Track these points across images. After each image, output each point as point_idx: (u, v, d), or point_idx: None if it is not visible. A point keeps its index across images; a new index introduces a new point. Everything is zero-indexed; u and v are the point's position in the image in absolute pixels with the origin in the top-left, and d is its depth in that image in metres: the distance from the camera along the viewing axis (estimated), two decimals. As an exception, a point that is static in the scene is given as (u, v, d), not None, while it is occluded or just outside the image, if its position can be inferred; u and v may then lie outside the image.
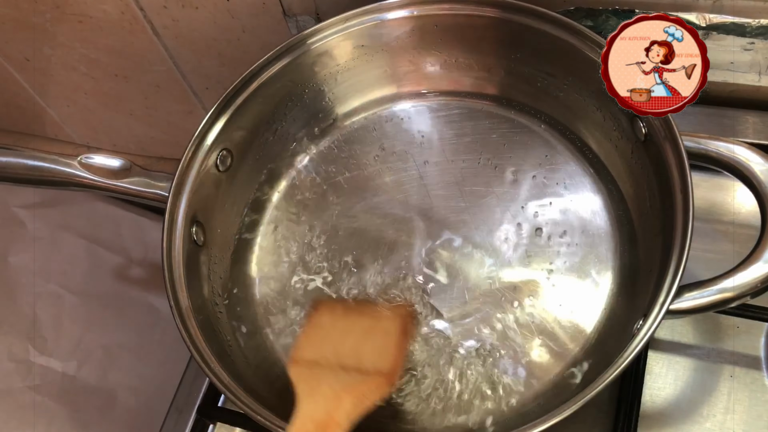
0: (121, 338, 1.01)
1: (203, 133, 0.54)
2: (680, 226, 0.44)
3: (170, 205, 0.52)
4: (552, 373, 0.50)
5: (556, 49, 0.54)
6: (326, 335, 0.49)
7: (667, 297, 0.42)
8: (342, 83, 0.61)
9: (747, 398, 0.50)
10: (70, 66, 0.86)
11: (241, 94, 0.56)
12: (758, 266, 0.43)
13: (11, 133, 0.57)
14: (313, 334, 0.50)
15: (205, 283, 0.53)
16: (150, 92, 0.88)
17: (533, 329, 0.51)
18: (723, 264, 0.45)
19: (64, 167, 0.54)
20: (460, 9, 0.56)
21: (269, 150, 0.60)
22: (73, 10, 0.76)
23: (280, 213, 0.60)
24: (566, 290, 0.52)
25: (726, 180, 0.57)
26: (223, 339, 0.51)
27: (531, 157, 0.58)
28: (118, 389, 0.98)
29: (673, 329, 0.53)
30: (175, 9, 0.73)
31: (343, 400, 0.43)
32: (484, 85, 0.61)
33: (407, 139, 0.61)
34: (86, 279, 1.04)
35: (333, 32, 0.57)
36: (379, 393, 0.45)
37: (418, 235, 0.57)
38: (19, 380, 0.98)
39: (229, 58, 0.78)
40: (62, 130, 1.02)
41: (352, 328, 0.49)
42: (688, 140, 0.46)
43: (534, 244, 0.54)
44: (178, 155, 0.53)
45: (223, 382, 0.45)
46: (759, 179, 0.45)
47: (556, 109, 0.58)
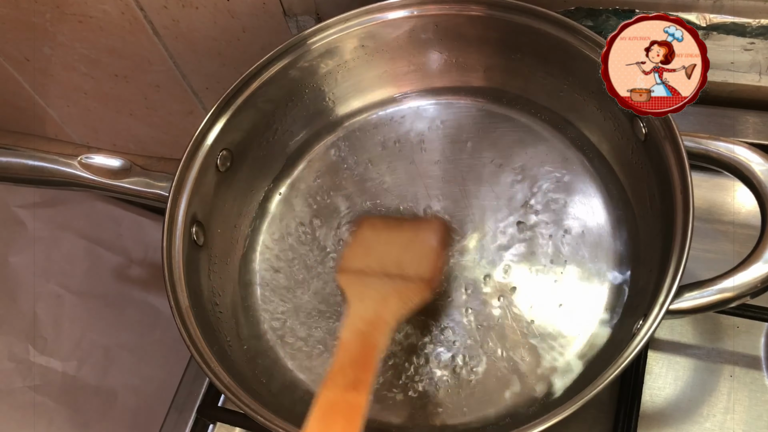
0: (121, 338, 1.01)
1: (203, 133, 0.54)
2: (680, 226, 0.44)
3: (170, 205, 0.52)
4: (551, 372, 0.50)
5: (556, 49, 0.54)
6: (370, 247, 0.53)
7: (667, 297, 0.42)
8: (342, 83, 0.61)
9: (747, 398, 0.50)
10: (70, 66, 0.86)
11: (241, 94, 0.56)
12: (758, 266, 0.43)
13: (11, 133, 0.57)
14: (357, 247, 0.54)
15: (205, 283, 0.53)
16: (150, 92, 0.88)
17: (533, 329, 0.51)
18: (723, 264, 0.45)
19: (64, 167, 0.54)
20: (460, 9, 0.56)
21: (269, 150, 0.60)
22: (73, 10, 0.76)
23: (281, 213, 0.60)
24: (566, 290, 0.52)
25: (726, 180, 0.57)
26: (223, 339, 0.51)
27: (531, 157, 0.58)
28: (118, 389, 0.98)
29: (673, 329, 0.53)
30: (175, 9, 0.73)
31: (389, 301, 0.47)
32: (484, 85, 0.61)
33: (408, 139, 0.61)
34: (86, 279, 1.04)
35: (333, 32, 0.57)
36: (421, 296, 0.49)
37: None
38: (19, 380, 0.98)
39: (229, 58, 0.78)
40: (62, 130, 1.02)
41: (393, 240, 0.53)
42: (688, 140, 0.46)
43: (534, 244, 0.54)
44: (178, 155, 0.53)
45: (223, 382, 0.45)
46: (759, 179, 0.45)
47: (556, 108, 0.58)
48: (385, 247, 0.52)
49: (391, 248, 0.52)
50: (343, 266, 0.52)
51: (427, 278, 0.50)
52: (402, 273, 0.50)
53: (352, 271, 0.51)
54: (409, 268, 0.50)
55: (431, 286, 0.50)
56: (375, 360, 0.43)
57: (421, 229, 0.55)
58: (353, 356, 0.43)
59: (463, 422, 0.50)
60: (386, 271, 0.50)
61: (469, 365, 0.51)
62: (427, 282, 0.50)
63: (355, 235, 0.55)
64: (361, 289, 0.49)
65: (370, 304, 0.47)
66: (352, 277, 0.50)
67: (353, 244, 0.55)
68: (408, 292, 0.48)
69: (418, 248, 0.52)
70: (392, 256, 0.51)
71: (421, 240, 0.53)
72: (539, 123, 0.59)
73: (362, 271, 0.51)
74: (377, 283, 0.49)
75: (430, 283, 0.50)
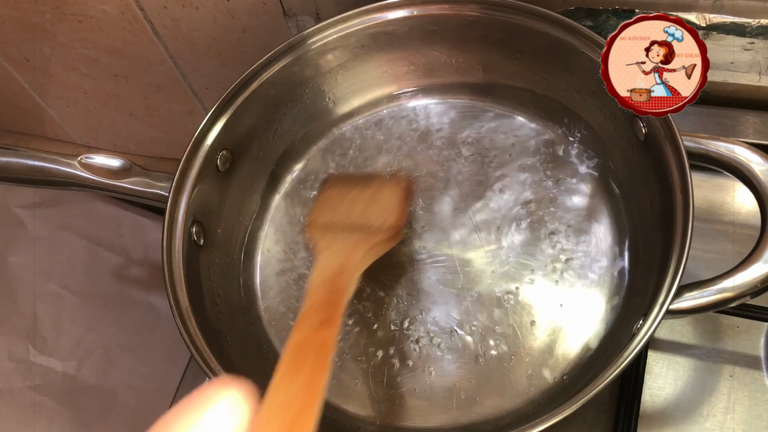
0: (121, 338, 1.01)
1: (203, 133, 0.54)
2: (680, 226, 0.44)
3: (170, 205, 0.52)
4: (551, 373, 0.50)
5: (556, 49, 0.54)
6: (336, 203, 0.55)
7: (667, 297, 0.42)
8: (342, 83, 0.61)
9: (747, 398, 0.50)
10: (70, 66, 0.86)
11: (241, 94, 0.56)
12: (758, 266, 0.43)
13: (11, 133, 0.57)
14: (325, 203, 0.55)
15: (205, 283, 0.53)
16: (150, 92, 0.88)
17: (533, 329, 0.51)
18: (723, 264, 0.45)
19: (64, 167, 0.54)
20: (460, 9, 0.56)
21: (270, 150, 0.60)
22: (73, 10, 0.76)
23: (281, 213, 0.60)
24: (566, 290, 0.52)
25: (726, 180, 0.57)
26: (223, 339, 0.51)
27: (531, 157, 0.58)
28: (118, 389, 0.98)
29: (673, 329, 0.53)
30: (175, 9, 0.73)
31: (355, 249, 0.49)
32: (484, 85, 0.61)
33: (408, 139, 0.61)
34: (86, 279, 1.04)
35: (333, 32, 0.57)
36: (386, 245, 0.51)
37: (419, 235, 0.57)
38: (19, 380, 0.98)
39: (229, 58, 0.78)
40: (62, 130, 1.02)
41: (359, 195, 0.55)
42: (688, 140, 0.46)
43: (534, 244, 0.54)
44: (178, 155, 0.53)
45: (223, 382, 0.45)
46: (759, 179, 0.45)
47: (556, 108, 0.58)
48: (351, 202, 0.54)
49: (357, 202, 0.54)
50: (310, 221, 0.54)
51: (392, 226, 0.52)
52: (367, 224, 0.52)
53: (319, 225, 0.53)
54: (374, 220, 0.52)
55: (395, 234, 0.52)
56: (343, 302, 0.44)
57: (386, 183, 0.57)
58: (322, 300, 0.44)
59: (463, 422, 0.50)
60: (352, 224, 0.52)
61: (469, 365, 0.51)
62: (391, 229, 0.52)
63: (322, 192, 0.57)
64: (329, 240, 0.50)
65: (337, 252, 0.49)
66: (320, 230, 0.52)
67: (320, 200, 0.56)
68: (373, 241, 0.50)
69: (383, 200, 0.54)
70: (358, 210, 0.53)
71: (386, 193, 0.55)
72: (539, 123, 0.59)
73: (329, 224, 0.52)
74: (343, 233, 0.51)
75: (394, 230, 0.52)
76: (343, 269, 0.47)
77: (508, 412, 0.49)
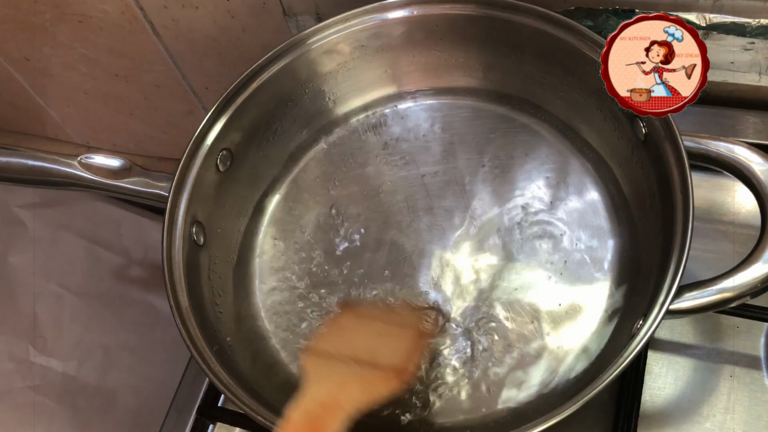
0: (121, 338, 1.00)
1: (203, 133, 0.54)
2: (680, 226, 0.44)
3: (170, 205, 0.52)
4: (551, 373, 0.50)
5: (556, 49, 0.54)
6: (345, 333, 0.49)
7: (667, 297, 0.42)
8: (342, 83, 0.61)
9: (747, 398, 0.50)
10: (70, 66, 0.86)
11: (241, 94, 0.56)
12: (758, 266, 0.43)
13: (11, 133, 0.57)
14: (332, 331, 0.50)
15: (205, 283, 0.53)
16: (150, 92, 0.88)
17: (533, 329, 0.51)
18: (723, 264, 0.45)
19: (64, 167, 0.54)
20: (461, 9, 0.56)
21: (270, 150, 0.60)
22: (73, 10, 0.76)
23: (281, 213, 0.60)
24: (566, 290, 0.52)
25: (726, 180, 0.57)
26: (223, 339, 0.51)
27: (531, 157, 0.58)
28: (118, 389, 0.97)
29: (673, 329, 0.53)
30: (175, 9, 0.73)
31: (350, 386, 0.43)
32: (485, 85, 0.61)
33: (408, 139, 0.61)
34: (86, 279, 1.04)
35: (333, 32, 0.57)
36: (389, 386, 0.45)
37: (420, 236, 0.57)
38: (19, 380, 0.98)
39: (229, 58, 0.78)
40: (62, 130, 1.02)
41: (372, 329, 0.50)
42: (688, 140, 0.46)
43: (534, 244, 0.54)
44: (178, 155, 0.53)
45: (223, 382, 0.45)
46: (759, 179, 0.45)
47: (557, 108, 0.58)
48: (363, 333, 0.49)
49: (367, 337, 0.49)
50: (310, 347, 0.49)
51: (398, 367, 0.46)
52: (373, 361, 0.46)
53: (319, 352, 0.47)
54: (381, 357, 0.46)
55: (401, 377, 0.46)
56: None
57: (405, 320, 0.52)
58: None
59: (463, 422, 0.50)
60: (356, 357, 0.46)
61: (469, 364, 0.51)
62: (398, 371, 0.46)
63: (334, 319, 0.52)
64: (322, 372, 0.45)
65: (327, 386, 0.43)
66: (317, 359, 0.47)
67: (329, 327, 0.52)
68: (374, 380, 0.45)
69: (396, 339, 0.49)
70: (367, 343, 0.48)
71: (401, 331, 0.50)
72: (539, 123, 0.59)
73: (329, 354, 0.47)
74: (342, 367, 0.45)
75: (401, 373, 0.46)
76: (329, 406, 0.41)
77: (508, 411, 0.49)
